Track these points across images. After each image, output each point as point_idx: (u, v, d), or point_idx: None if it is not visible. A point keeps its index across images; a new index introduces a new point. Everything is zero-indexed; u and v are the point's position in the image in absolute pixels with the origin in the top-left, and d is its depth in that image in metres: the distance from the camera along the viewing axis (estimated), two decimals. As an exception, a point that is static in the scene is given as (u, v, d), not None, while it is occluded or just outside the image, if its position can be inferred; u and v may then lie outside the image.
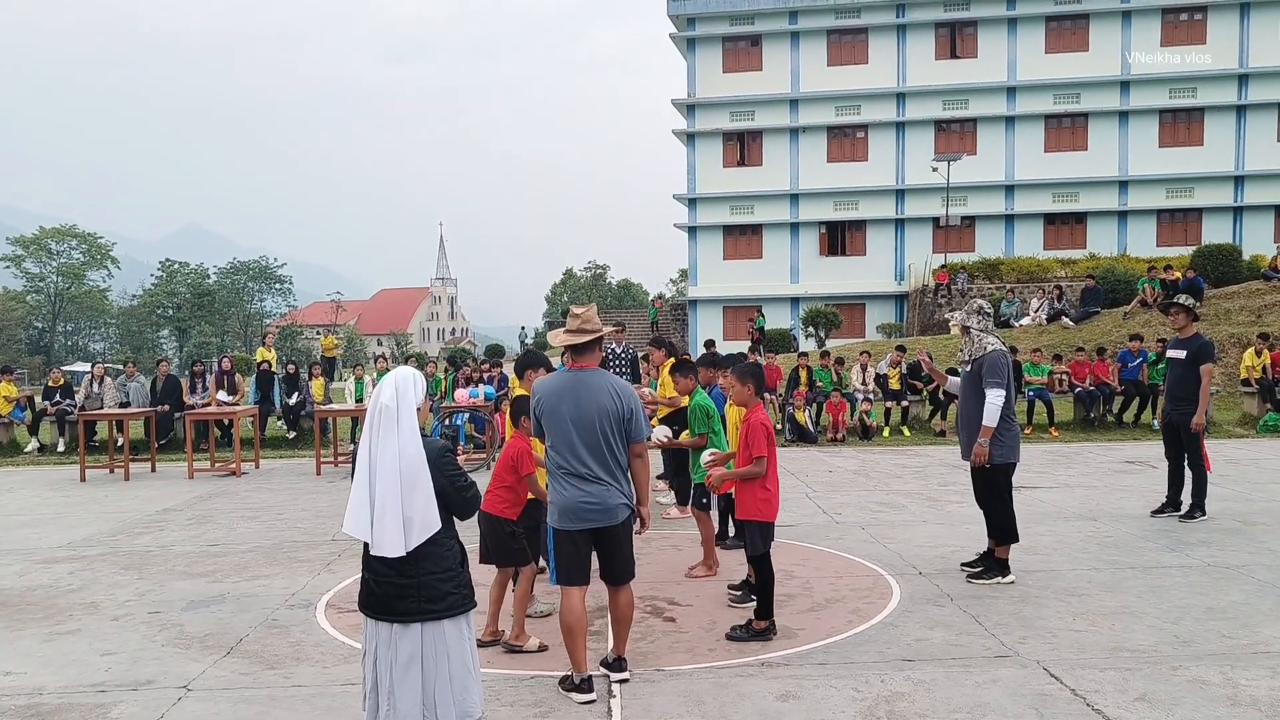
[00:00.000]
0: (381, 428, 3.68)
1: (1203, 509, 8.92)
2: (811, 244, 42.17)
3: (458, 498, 3.81)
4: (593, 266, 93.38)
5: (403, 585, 3.70)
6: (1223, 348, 19.60)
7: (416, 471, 3.65)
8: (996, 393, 6.77)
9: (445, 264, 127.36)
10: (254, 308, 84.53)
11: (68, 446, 16.21)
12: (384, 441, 3.66)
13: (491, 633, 5.73)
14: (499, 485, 5.70)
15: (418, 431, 3.74)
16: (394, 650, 3.73)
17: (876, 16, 40.88)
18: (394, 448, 3.65)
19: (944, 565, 7.41)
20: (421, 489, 3.65)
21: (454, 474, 3.81)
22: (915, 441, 15.84)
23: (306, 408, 16.75)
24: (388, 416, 3.68)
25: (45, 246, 73.85)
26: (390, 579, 3.71)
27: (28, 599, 7.01)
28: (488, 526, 5.71)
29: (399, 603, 3.70)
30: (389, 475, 3.63)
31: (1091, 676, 4.99)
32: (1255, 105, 38.92)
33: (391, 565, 3.69)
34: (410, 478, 3.64)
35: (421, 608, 3.70)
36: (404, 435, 3.67)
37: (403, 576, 3.70)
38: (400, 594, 3.70)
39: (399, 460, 3.63)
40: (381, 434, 3.67)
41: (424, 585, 3.70)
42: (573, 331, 5.01)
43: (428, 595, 3.70)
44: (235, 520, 10.02)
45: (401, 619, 3.71)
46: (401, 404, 3.72)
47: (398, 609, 3.71)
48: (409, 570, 3.69)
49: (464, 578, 3.83)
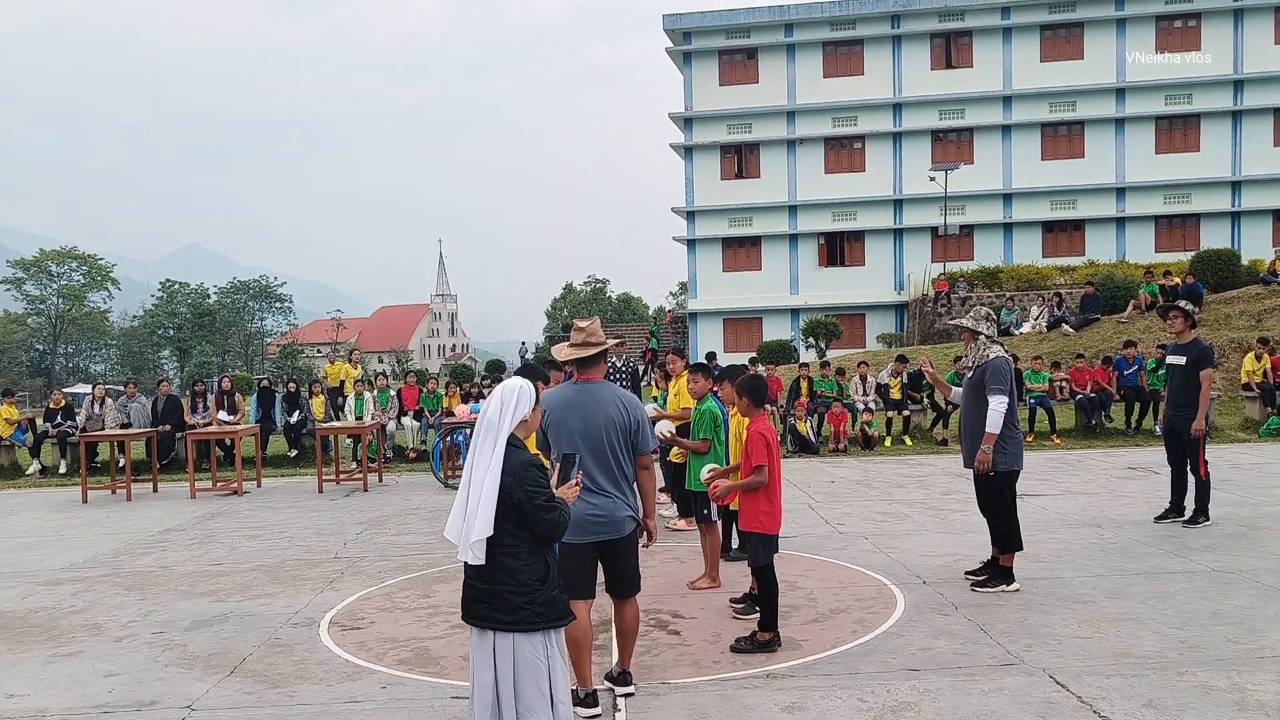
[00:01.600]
0: (482, 439, 3.80)
1: (1206, 514, 8.91)
2: (810, 255, 42.23)
3: (535, 515, 3.77)
4: (593, 281, 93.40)
5: (481, 591, 3.80)
6: (1223, 353, 19.59)
7: (494, 482, 3.75)
8: (999, 399, 6.76)
9: (445, 280, 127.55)
10: (254, 327, 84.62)
11: (69, 468, 16.20)
12: (481, 453, 3.78)
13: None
14: None
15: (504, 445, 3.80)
16: (476, 654, 3.83)
17: (872, 28, 41.04)
18: (487, 460, 3.76)
19: (948, 574, 7.39)
20: (486, 494, 3.73)
21: (533, 489, 3.77)
22: (917, 451, 15.82)
23: (308, 426, 16.74)
24: (489, 430, 3.80)
25: (46, 269, 73.95)
26: (474, 583, 3.83)
27: (30, 621, 6.99)
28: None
29: (477, 607, 3.81)
30: (479, 486, 3.75)
31: (1098, 683, 4.98)
32: (1251, 110, 39.04)
33: (476, 570, 3.80)
34: (489, 493, 3.75)
35: (493, 616, 3.76)
36: (498, 448, 3.77)
37: (483, 582, 3.79)
38: (479, 599, 3.80)
39: (487, 472, 3.75)
40: (481, 445, 3.79)
41: (497, 595, 3.77)
42: (578, 345, 5.00)
43: (500, 606, 3.76)
44: (238, 539, 10.00)
45: (477, 623, 3.81)
46: (503, 418, 3.81)
47: (475, 613, 3.82)
48: (488, 578, 3.78)
49: (542, 596, 3.81)
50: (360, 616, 6.80)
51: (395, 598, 7.32)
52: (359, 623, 6.64)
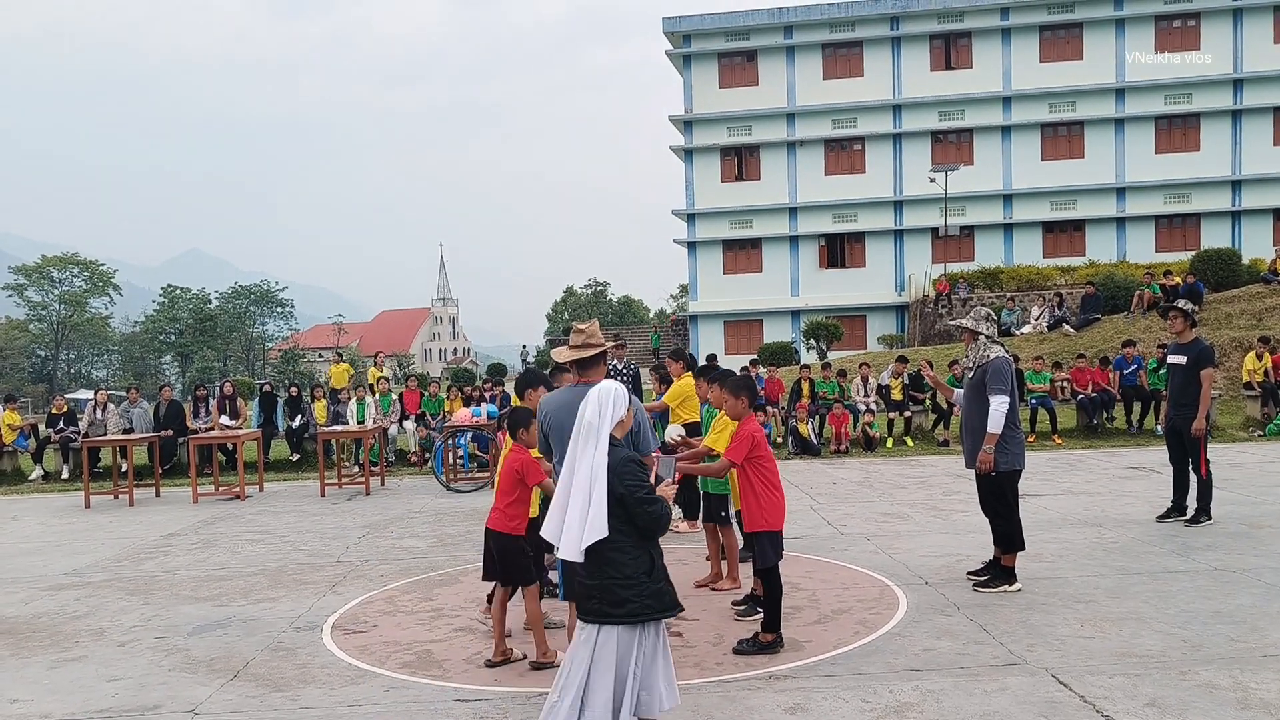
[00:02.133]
0: (583, 442, 3.90)
1: (1208, 513, 8.90)
2: (811, 257, 42.26)
3: (638, 509, 3.86)
4: (593, 284, 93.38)
5: (590, 587, 3.86)
6: (1224, 352, 19.58)
7: (603, 488, 3.84)
8: (1000, 399, 6.76)
9: (446, 284, 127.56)
10: (256, 331, 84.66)
11: (72, 473, 16.21)
12: (583, 454, 3.87)
13: (502, 653, 5.71)
14: (506, 502, 5.68)
15: (607, 444, 3.91)
16: (588, 648, 3.86)
17: (871, 30, 41.08)
18: (589, 460, 3.85)
19: (950, 575, 7.39)
20: (597, 495, 3.82)
21: (634, 484, 3.89)
22: (919, 452, 15.81)
23: (310, 430, 16.75)
24: (589, 432, 3.90)
25: (47, 275, 73.99)
26: (582, 580, 3.90)
27: (34, 626, 7.00)
28: (498, 544, 5.70)
29: (586, 603, 3.88)
30: (581, 486, 3.83)
31: (1100, 683, 4.98)
32: (1251, 110, 39.07)
33: (583, 567, 3.87)
34: (599, 492, 3.83)
35: (603, 610, 3.83)
36: (599, 448, 3.87)
37: (590, 579, 3.87)
38: (587, 594, 3.87)
39: (590, 471, 3.84)
40: (582, 447, 3.89)
41: (605, 589, 3.84)
42: (577, 347, 5.03)
43: (609, 600, 3.83)
44: (240, 544, 10.01)
45: (587, 618, 3.87)
46: (603, 420, 3.92)
47: (585, 608, 3.89)
48: (595, 573, 3.85)
49: (649, 589, 3.88)
50: (363, 620, 6.81)
51: (397, 601, 7.33)
52: (362, 626, 6.65)
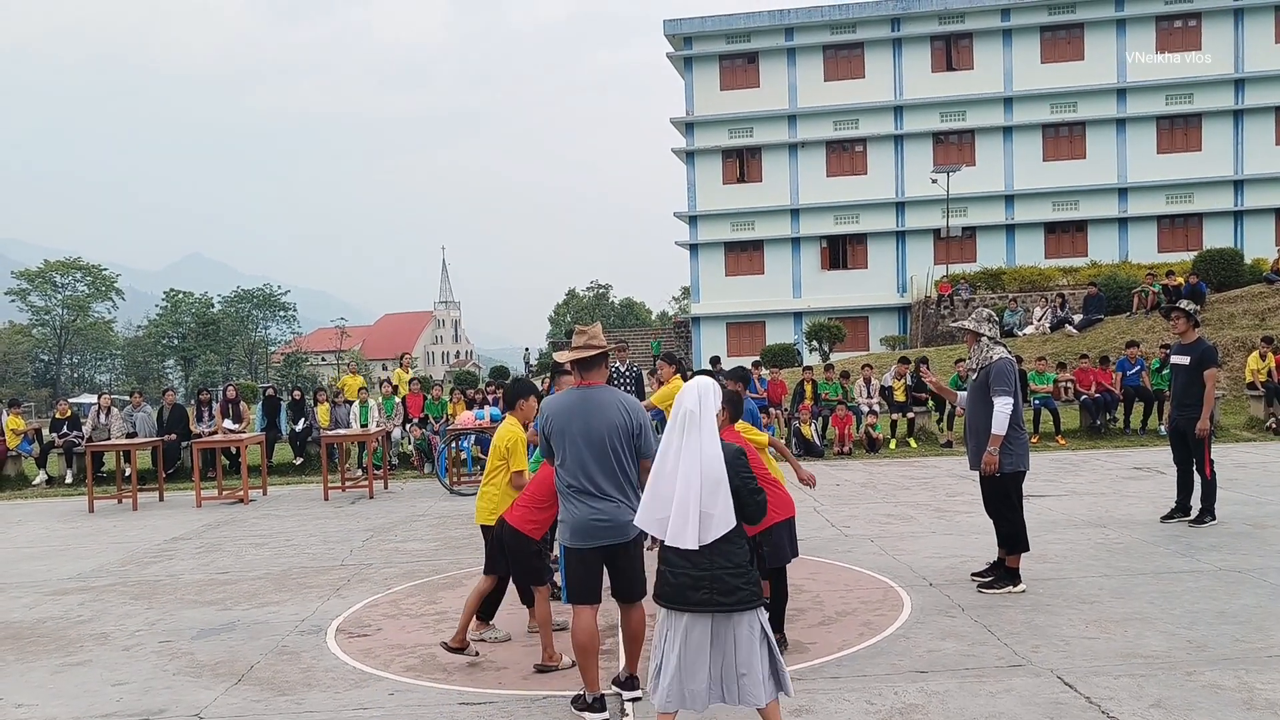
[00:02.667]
0: (686, 431, 3.93)
1: (1212, 513, 8.89)
2: (813, 258, 42.25)
3: (749, 500, 3.98)
4: (595, 286, 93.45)
5: (697, 578, 3.88)
6: (1227, 352, 19.56)
7: (719, 472, 3.89)
8: (1005, 400, 6.75)
9: (448, 287, 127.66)
10: (258, 335, 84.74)
11: (75, 478, 16.23)
12: (688, 443, 3.90)
13: (459, 641, 5.74)
14: (532, 504, 5.69)
15: (717, 435, 3.98)
16: (686, 637, 3.89)
17: (872, 31, 41.09)
18: (696, 449, 3.87)
19: (954, 576, 7.39)
20: (723, 488, 3.88)
21: (746, 476, 4.01)
22: (922, 453, 15.81)
23: (313, 434, 16.77)
24: (692, 421, 3.93)
25: (50, 279, 74.13)
26: (685, 571, 3.90)
27: (38, 631, 7.01)
28: (514, 542, 5.71)
29: (693, 593, 3.88)
30: (691, 474, 3.86)
31: (1105, 684, 4.97)
32: (1253, 109, 39.04)
33: (686, 558, 3.89)
34: (713, 477, 3.87)
35: (713, 600, 3.87)
36: (705, 438, 3.91)
37: (696, 569, 3.88)
38: (695, 585, 3.88)
39: (701, 461, 3.86)
40: (686, 437, 3.92)
41: (715, 579, 3.87)
42: (579, 348, 5.02)
43: (719, 589, 3.87)
44: (244, 548, 10.02)
45: (694, 609, 3.88)
46: (704, 409, 3.96)
47: (691, 599, 3.89)
48: (702, 564, 3.88)
49: (753, 576, 3.97)
50: (367, 623, 6.81)
51: (402, 604, 7.33)
52: (366, 629, 6.65)
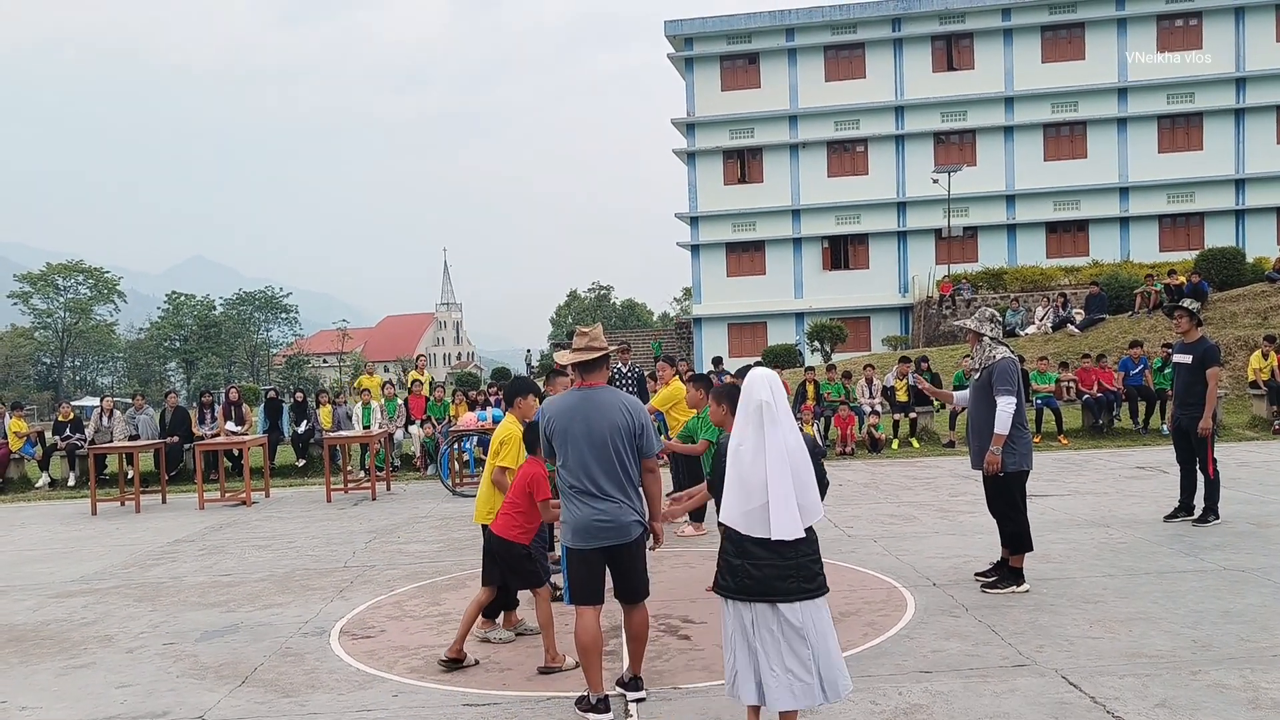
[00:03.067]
0: (765, 423, 3.93)
1: (1216, 513, 8.88)
2: (814, 259, 42.24)
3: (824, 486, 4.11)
4: (597, 287, 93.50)
5: (783, 568, 3.92)
6: (1229, 351, 19.55)
7: (803, 461, 3.94)
8: (1008, 400, 6.75)
9: (450, 289, 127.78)
10: (260, 337, 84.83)
11: (78, 480, 16.24)
12: (771, 436, 3.91)
13: (456, 652, 5.69)
14: (513, 510, 5.66)
15: (795, 424, 4.00)
16: (775, 627, 3.92)
17: (873, 31, 41.09)
18: (781, 441, 3.90)
19: (958, 576, 7.38)
20: (811, 477, 3.95)
21: (821, 468, 4.11)
22: (924, 453, 15.80)
23: (315, 435, 16.77)
24: (769, 412, 3.94)
25: (52, 282, 74.24)
26: (771, 562, 3.92)
27: (42, 633, 7.01)
28: (502, 550, 5.70)
29: (781, 584, 3.92)
30: (779, 466, 3.88)
31: (1110, 683, 4.96)
32: (1254, 108, 39.03)
33: (773, 549, 3.91)
34: (800, 466, 3.92)
35: (800, 588, 3.93)
36: (786, 429, 3.94)
37: (783, 559, 3.92)
38: (784, 575, 3.92)
39: (788, 452, 3.89)
40: (768, 430, 3.92)
41: (801, 567, 3.94)
42: (580, 350, 5.01)
43: (804, 575, 3.94)
44: (247, 550, 10.02)
45: (784, 598, 3.91)
46: (778, 400, 3.99)
47: (779, 589, 3.92)
48: (788, 554, 3.92)
49: (822, 563, 4.07)
50: (370, 625, 6.81)
51: (405, 606, 7.33)
52: (369, 631, 6.65)
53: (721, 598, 4.08)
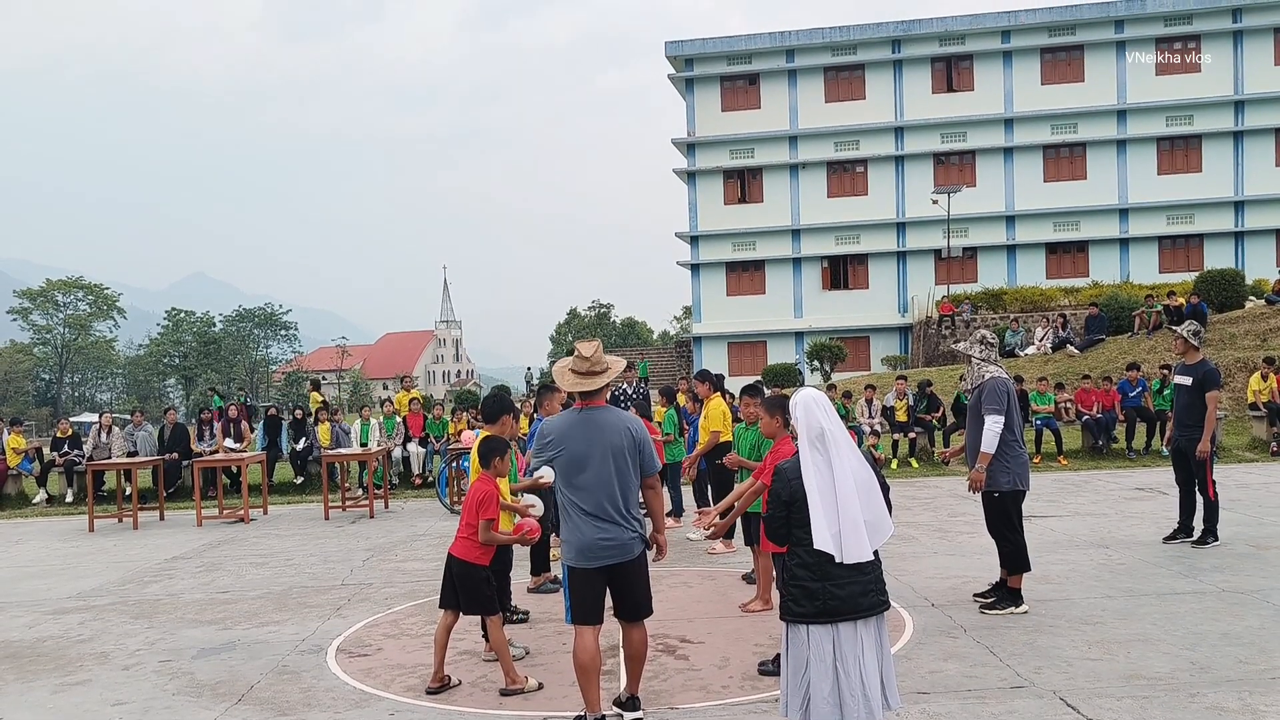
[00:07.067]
0: (828, 447, 3.96)
1: (1215, 534, 8.87)
2: (814, 278, 42.32)
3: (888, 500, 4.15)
4: (597, 306, 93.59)
5: (865, 583, 3.96)
6: (1229, 373, 19.56)
7: (870, 480, 3.99)
8: (994, 419, 6.79)
9: (450, 307, 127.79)
10: (260, 354, 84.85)
11: (76, 497, 16.21)
12: (838, 461, 3.95)
13: (439, 680, 5.62)
14: (470, 531, 5.58)
15: (855, 446, 4.02)
16: (858, 645, 3.93)
17: (873, 53, 41.31)
18: (847, 465, 3.94)
19: (956, 596, 7.37)
20: (878, 494, 4.01)
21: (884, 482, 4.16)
22: (924, 473, 15.79)
23: (314, 453, 16.75)
24: (829, 438, 3.98)
25: (52, 299, 74.31)
26: (854, 579, 3.94)
27: (38, 650, 6.99)
28: (459, 572, 5.60)
29: (864, 599, 3.95)
30: (847, 488, 3.92)
31: (1108, 705, 4.95)
32: (1252, 131, 39.18)
33: (853, 567, 3.94)
34: (866, 487, 3.97)
35: (879, 600, 3.99)
36: (847, 451, 3.98)
37: (863, 574, 3.96)
38: (864, 591, 3.96)
39: (854, 475, 3.94)
40: (829, 453, 3.96)
41: (878, 580, 4.00)
42: (582, 375, 4.95)
43: (880, 588, 4.00)
44: (244, 567, 10.00)
45: (865, 614, 3.94)
46: (835, 422, 4.03)
47: (863, 605, 3.94)
48: (867, 568, 3.96)
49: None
50: (367, 643, 6.79)
51: (402, 624, 7.31)
52: (366, 649, 6.63)
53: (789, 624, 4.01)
